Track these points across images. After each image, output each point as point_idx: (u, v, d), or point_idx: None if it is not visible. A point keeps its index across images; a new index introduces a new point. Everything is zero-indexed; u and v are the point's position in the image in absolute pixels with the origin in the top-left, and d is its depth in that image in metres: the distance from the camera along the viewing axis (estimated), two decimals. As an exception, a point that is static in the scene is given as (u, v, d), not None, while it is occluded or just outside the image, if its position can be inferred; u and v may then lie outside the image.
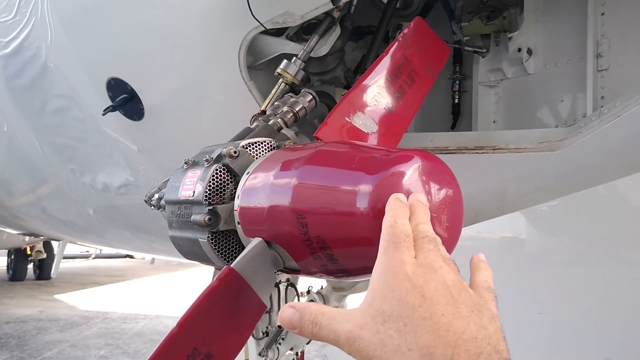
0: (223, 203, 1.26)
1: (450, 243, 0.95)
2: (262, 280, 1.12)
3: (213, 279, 3.90)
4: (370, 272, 0.97)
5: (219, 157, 1.28)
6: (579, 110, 1.81)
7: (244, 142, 1.31)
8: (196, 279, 17.29)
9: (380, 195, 0.88)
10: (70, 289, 15.82)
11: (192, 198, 1.30)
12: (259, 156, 1.30)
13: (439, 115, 2.17)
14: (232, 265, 1.07)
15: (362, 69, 1.88)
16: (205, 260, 1.35)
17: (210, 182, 1.26)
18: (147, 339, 10.48)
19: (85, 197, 3.32)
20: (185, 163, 1.40)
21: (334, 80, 1.92)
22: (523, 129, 1.88)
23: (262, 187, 1.12)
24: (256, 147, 1.31)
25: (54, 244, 16.19)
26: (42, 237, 11.90)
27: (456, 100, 2.10)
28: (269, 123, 1.49)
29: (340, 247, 0.96)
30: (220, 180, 1.27)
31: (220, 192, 1.26)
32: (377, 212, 0.87)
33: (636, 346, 1.71)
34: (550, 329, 1.82)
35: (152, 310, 12.83)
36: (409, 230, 0.81)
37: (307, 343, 3.78)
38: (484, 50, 1.92)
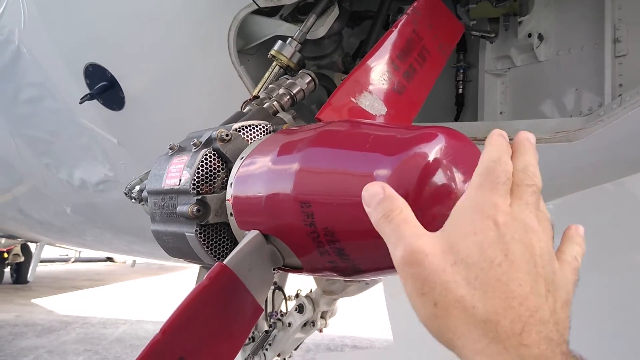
0: (213, 192, 1.11)
1: None
2: (259, 279, 0.99)
3: (198, 280, 3.74)
4: (385, 269, 0.84)
5: (209, 141, 1.14)
6: (594, 99, 1.69)
7: (236, 125, 1.17)
8: (178, 283, 17.15)
9: (401, 180, 0.76)
10: (48, 293, 15.58)
11: (178, 187, 1.15)
12: (254, 140, 1.16)
13: (441, 106, 2.04)
14: (225, 262, 0.93)
15: (361, 53, 1.74)
16: (192, 257, 1.20)
17: (198, 168, 1.11)
18: (127, 344, 10.31)
19: (62, 195, 3.15)
20: (171, 149, 1.26)
21: (331, 65, 1.79)
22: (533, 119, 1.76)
23: (259, 174, 0.98)
24: (250, 130, 1.17)
25: (32, 247, 15.93)
26: (19, 239, 11.65)
27: (460, 90, 1.98)
28: (264, 106, 1.35)
29: (353, 240, 0.83)
30: (210, 166, 1.12)
31: (210, 180, 1.12)
32: None
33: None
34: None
35: (132, 315, 12.67)
36: (511, 173, 0.70)
37: (295, 349, 3.64)
38: (493, 35, 1.79)
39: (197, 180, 1.11)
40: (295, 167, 0.89)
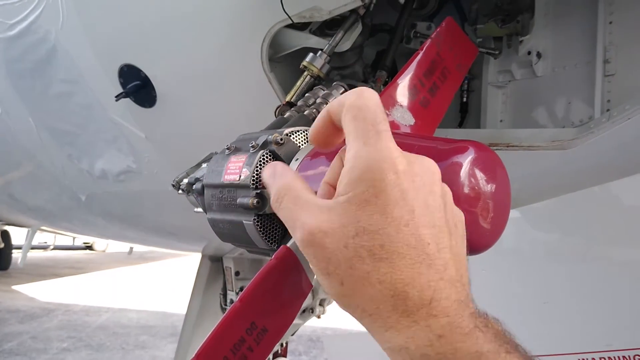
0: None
1: (496, 234, 1.03)
2: (311, 260, 1.18)
3: (199, 269, 3.90)
4: None
5: (265, 144, 1.34)
6: (585, 113, 1.91)
7: (287, 130, 1.36)
8: (157, 273, 17.18)
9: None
10: (28, 280, 15.55)
11: (237, 182, 1.34)
12: (302, 144, 1.35)
13: (447, 113, 2.24)
14: (288, 245, 1.12)
15: (381, 65, 1.94)
16: (245, 242, 1.39)
17: (257, 166, 1.31)
18: (110, 332, 10.39)
19: (79, 184, 3.30)
20: (228, 149, 1.45)
21: (353, 75, 1.98)
22: (529, 128, 1.98)
23: (318, 174, 1.18)
24: (298, 135, 1.37)
25: (13, 233, 15.86)
26: (1, 222, 11.55)
27: (464, 99, 2.19)
28: (304, 113, 1.54)
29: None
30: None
31: (266, 177, 1.32)
32: None
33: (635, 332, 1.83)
34: (555, 317, 1.93)
35: (114, 303, 12.72)
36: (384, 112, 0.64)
37: (292, 334, 3.84)
38: (497, 52, 2.01)
39: (256, 176, 1.31)
40: (350, 169, 1.09)
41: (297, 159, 1.29)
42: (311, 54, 1.77)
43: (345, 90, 1.60)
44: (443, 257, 0.59)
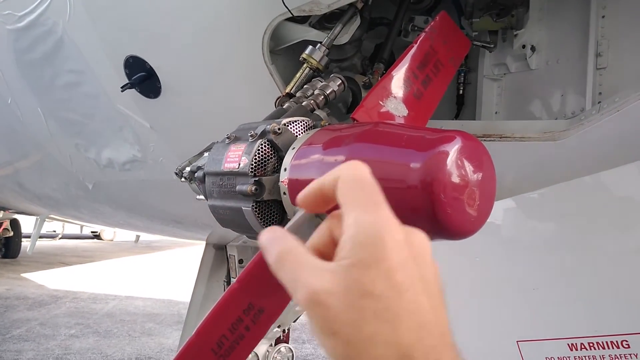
0: (265, 175, 1.37)
1: (481, 220, 1.09)
2: (308, 244, 1.24)
3: (204, 256, 3.94)
4: None
5: (263, 133, 1.40)
6: (577, 105, 1.96)
7: (285, 120, 1.43)
8: (163, 262, 17.29)
9: (429, 169, 1.02)
10: (37, 268, 15.67)
11: (237, 170, 1.41)
12: (299, 134, 1.42)
13: (443, 105, 2.29)
14: (285, 228, 1.18)
15: (379, 57, 1.99)
16: (244, 228, 1.46)
17: (255, 155, 1.37)
18: (117, 319, 10.47)
19: (86, 173, 3.38)
20: (228, 138, 1.51)
21: (351, 67, 2.04)
22: (523, 120, 2.04)
23: (313, 162, 1.24)
24: (296, 125, 1.43)
25: (22, 222, 16.02)
26: (11, 210, 11.63)
27: (460, 92, 2.24)
28: (302, 104, 1.60)
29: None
30: (265, 154, 1.38)
31: (264, 165, 1.38)
32: (426, 184, 1.00)
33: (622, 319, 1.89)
34: (544, 303, 1.99)
35: (121, 291, 12.82)
36: None
37: (294, 321, 3.90)
38: (492, 46, 2.06)
39: (254, 164, 1.37)
40: (345, 156, 1.15)
41: (293, 148, 1.35)
42: (310, 47, 1.83)
43: (342, 82, 1.66)
44: (441, 325, 0.61)
